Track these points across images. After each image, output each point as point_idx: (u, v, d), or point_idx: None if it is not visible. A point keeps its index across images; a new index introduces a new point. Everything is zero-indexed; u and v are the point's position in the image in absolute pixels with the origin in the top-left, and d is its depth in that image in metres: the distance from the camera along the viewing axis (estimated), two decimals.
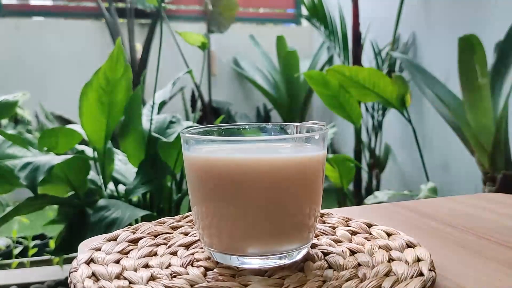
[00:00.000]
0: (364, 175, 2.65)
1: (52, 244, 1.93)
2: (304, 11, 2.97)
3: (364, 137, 2.60)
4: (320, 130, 0.40)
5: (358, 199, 2.35)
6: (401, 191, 1.68)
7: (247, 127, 0.44)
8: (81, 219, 1.25)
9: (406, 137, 2.58)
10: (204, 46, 1.58)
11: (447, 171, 2.07)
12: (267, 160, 0.37)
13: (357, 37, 2.35)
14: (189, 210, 1.51)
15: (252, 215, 0.37)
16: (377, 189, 2.43)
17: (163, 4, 1.53)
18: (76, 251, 1.36)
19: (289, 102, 3.31)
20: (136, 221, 1.36)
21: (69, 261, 1.65)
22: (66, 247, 1.25)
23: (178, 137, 1.32)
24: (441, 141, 2.16)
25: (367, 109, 2.51)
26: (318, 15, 2.61)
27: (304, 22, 3.76)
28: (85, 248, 0.43)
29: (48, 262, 1.74)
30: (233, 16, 3.07)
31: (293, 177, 0.37)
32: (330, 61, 3.31)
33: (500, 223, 0.51)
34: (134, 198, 1.42)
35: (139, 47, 3.15)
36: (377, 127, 2.52)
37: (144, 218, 1.32)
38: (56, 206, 1.46)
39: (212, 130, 0.43)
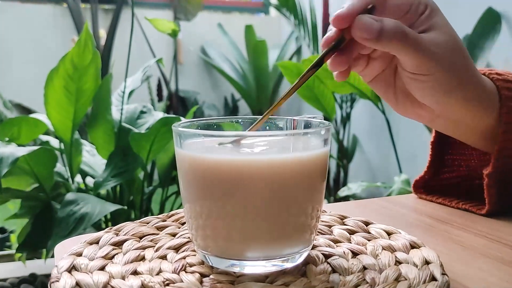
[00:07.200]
0: (332, 167, 2.66)
1: (13, 238, 1.85)
2: (273, 0, 2.94)
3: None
4: (323, 125, 0.37)
5: (327, 190, 2.36)
6: (372, 183, 1.69)
7: (240, 120, 0.42)
8: (47, 214, 1.19)
9: (374, 129, 2.60)
10: (174, 34, 1.53)
11: (415, 163, 2.10)
12: (269, 157, 0.35)
13: (327, 27, 2.33)
14: (162, 203, 1.46)
15: (252, 215, 0.34)
16: (345, 180, 2.44)
17: None
18: (42, 247, 1.30)
19: (258, 92, 3.28)
20: (106, 217, 1.31)
21: (32, 256, 1.58)
22: (32, 243, 1.18)
23: (151, 128, 1.27)
24: (410, 132, 2.18)
25: (335, 100, 2.51)
26: (288, 4, 2.58)
27: (273, 12, 3.73)
28: (63, 252, 0.39)
29: (9, 258, 1.66)
30: (200, 3, 3.01)
31: (296, 175, 0.34)
32: (299, 51, 3.30)
33: (494, 220, 0.50)
34: (103, 192, 1.36)
35: (102, 33, 3.04)
36: (346, 118, 2.52)
37: (115, 213, 1.27)
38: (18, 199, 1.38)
39: (205, 123, 0.40)
